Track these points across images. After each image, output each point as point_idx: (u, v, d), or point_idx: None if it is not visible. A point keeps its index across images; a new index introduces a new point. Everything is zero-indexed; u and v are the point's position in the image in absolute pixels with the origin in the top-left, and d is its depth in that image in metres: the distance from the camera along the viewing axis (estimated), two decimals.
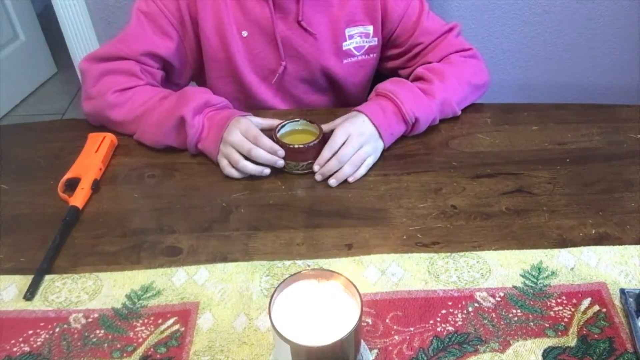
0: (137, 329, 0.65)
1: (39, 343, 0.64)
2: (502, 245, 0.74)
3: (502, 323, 0.64)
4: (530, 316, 0.65)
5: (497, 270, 0.70)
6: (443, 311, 0.66)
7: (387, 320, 0.65)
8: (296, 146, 0.84)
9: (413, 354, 0.61)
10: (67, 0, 1.87)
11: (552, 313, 0.65)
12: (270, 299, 0.54)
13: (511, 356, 0.61)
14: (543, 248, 0.73)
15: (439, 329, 0.64)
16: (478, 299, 0.67)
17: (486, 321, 0.64)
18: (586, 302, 0.66)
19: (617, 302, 0.66)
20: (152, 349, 0.63)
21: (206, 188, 0.85)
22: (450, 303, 0.67)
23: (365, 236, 0.76)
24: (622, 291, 0.66)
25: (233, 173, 0.86)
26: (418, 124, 0.91)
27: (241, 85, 1.03)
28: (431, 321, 0.65)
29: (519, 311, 0.65)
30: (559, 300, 0.67)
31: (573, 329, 0.63)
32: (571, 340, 0.62)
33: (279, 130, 0.87)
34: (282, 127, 0.88)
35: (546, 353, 0.61)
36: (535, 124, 0.97)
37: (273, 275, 0.71)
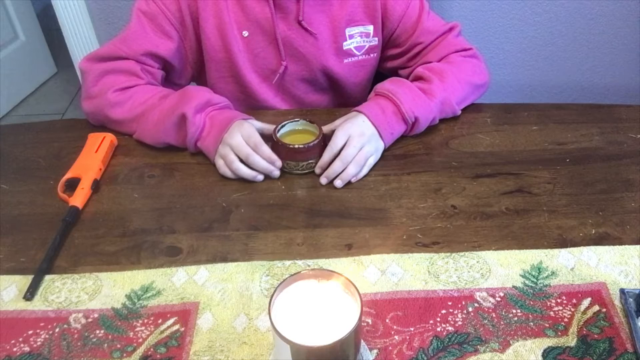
0: (137, 329, 0.65)
1: (39, 343, 0.64)
2: (502, 245, 0.74)
3: (502, 323, 0.64)
4: (530, 316, 0.65)
5: (497, 270, 0.70)
6: (443, 311, 0.66)
7: (387, 320, 0.65)
8: (296, 146, 0.84)
9: (413, 354, 0.61)
10: (67, 0, 1.87)
11: (552, 313, 0.65)
12: (270, 299, 0.54)
13: (511, 356, 0.61)
14: (543, 248, 0.73)
15: (439, 329, 0.64)
16: (478, 299, 0.67)
17: (486, 321, 0.64)
18: (586, 302, 0.66)
19: (617, 302, 0.66)
20: (152, 349, 0.63)
21: (206, 188, 0.85)
22: (450, 303, 0.67)
23: (365, 236, 0.76)
24: (622, 291, 0.66)
25: (227, 172, 0.85)
26: (418, 124, 0.91)
27: (242, 85, 1.03)
28: (431, 321, 0.65)
29: (519, 311, 0.65)
30: (559, 300, 0.67)
31: (573, 329, 0.63)
32: (571, 340, 0.62)
33: (279, 130, 0.87)
34: (282, 127, 0.88)
35: (546, 353, 0.61)
36: (535, 124, 0.97)
37: (273, 275, 0.71)
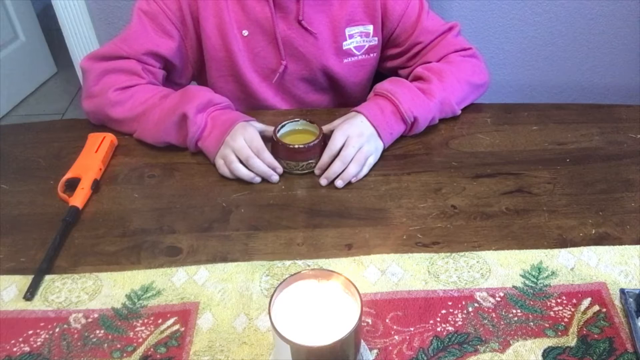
0: (137, 329, 0.65)
1: (39, 343, 0.64)
2: (502, 245, 0.74)
3: (502, 323, 0.64)
4: (530, 316, 0.65)
5: (497, 270, 0.70)
6: (443, 311, 0.66)
7: (387, 320, 0.65)
8: (296, 146, 0.84)
9: (413, 354, 0.61)
10: (67, 0, 1.87)
11: (552, 313, 0.65)
12: (270, 299, 0.54)
13: (511, 356, 0.61)
14: (543, 248, 0.73)
15: (439, 329, 0.64)
16: (478, 299, 0.67)
17: (486, 321, 0.64)
18: (586, 302, 0.66)
19: (617, 302, 0.66)
20: (152, 349, 0.63)
21: (206, 188, 0.85)
22: (450, 303, 0.67)
23: (365, 236, 0.76)
24: (622, 291, 0.66)
25: (226, 172, 0.85)
26: (417, 124, 0.91)
27: (242, 84, 1.03)
28: (431, 321, 0.65)
29: (519, 311, 0.65)
30: (559, 300, 0.67)
31: (573, 329, 0.63)
32: (571, 340, 0.62)
33: (279, 130, 0.87)
34: (282, 127, 0.88)
35: (546, 353, 0.61)
36: (535, 124, 0.97)
37: (273, 275, 0.71)
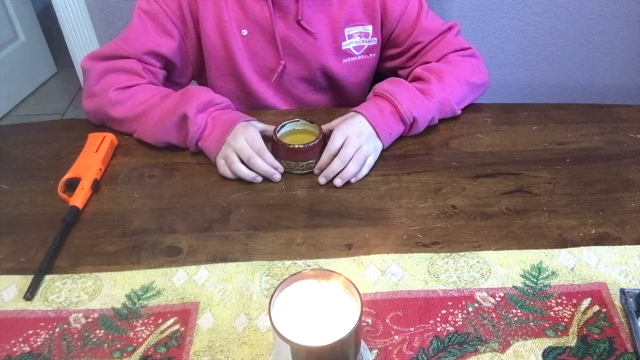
0: (137, 329, 0.65)
1: (39, 343, 0.64)
2: (502, 245, 0.74)
3: (502, 323, 0.64)
4: (530, 316, 0.65)
5: (497, 270, 0.70)
6: (443, 311, 0.66)
7: (387, 320, 0.65)
8: (296, 146, 0.84)
9: (413, 354, 0.61)
10: (67, 0, 1.87)
11: (552, 313, 0.65)
12: (270, 299, 0.54)
13: (511, 356, 0.61)
14: (543, 248, 0.73)
15: (439, 329, 0.64)
16: (478, 299, 0.67)
17: (486, 321, 0.64)
18: (586, 302, 0.66)
19: (617, 302, 0.66)
20: (152, 349, 0.63)
21: (206, 188, 0.85)
22: (450, 303, 0.67)
23: (365, 236, 0.76)
24: (622, 291, 0.66)
25: (227, 173, 0.85)
26: (416, 124, 0.91)
27: (241, 83, 1.03)
28: (431, 321, 0.65)
29: (519, 311, 0.65)
30: (559, 300, 0.67)
31: (573, 329, 0.63)
32: (571, 340, 0.62)
33: (279, 130, 0.87)
34: (282, 127, 0.88)
35: (546, 353, 0.61)
36: (535, 124, 0.97)
37: (273, 275, 0.71)
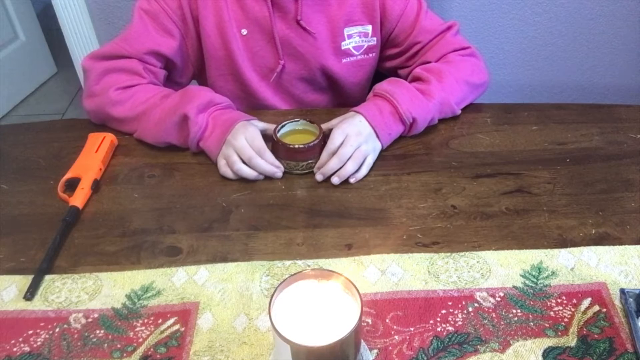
0: (137, 329, 0.65)
1: (39, 343, 0.64)
2: (502, 245, 0.74)
3: (502, 323, 0.64)
4: (530, 316, 0.65)
5: (497, 270, 0.70)
6: (443, 311, 0.66)
7: (387, 320, 0.65)
8: (296, 146, 0.84)
9: (413, 354, 0.61)
10: (67, 0, 1.87)
11: (552, 313, 0.65)
12: (270, 299, 0.54)
13: (511, 356, 0.61)
14: (543, 248, 0.73)
15: (439, 329, 0.64)
16: (478, 299, 0.67)
17: (486, 321, 0.64)
18: (586, 302, 0.66)
19: (617, 302, 0.66)
20: (152, 349, 0.63)
21: (206, 188, 0.85)
22: (450, 303, 0.67)
23: (365, 236, 0.76)
24: (622, 291, 0.66)
25: (228, 173, 0.85)
26: (416, 124, 0.91)
27: (241, 83, 1.03)
28: (431, 321, 0.65)
29: (519, 311, 0.65)
30: (559, 300, 0.67)
31: (573, 329, 0.63)
32: (571, 340, 0.62)
33: (279, 130, 0.87)
34: (282, 127, 0.88)
35: (546, 353, 0.61)
36: (535, 124, 0.97)
37: (273, 275, 0.71)
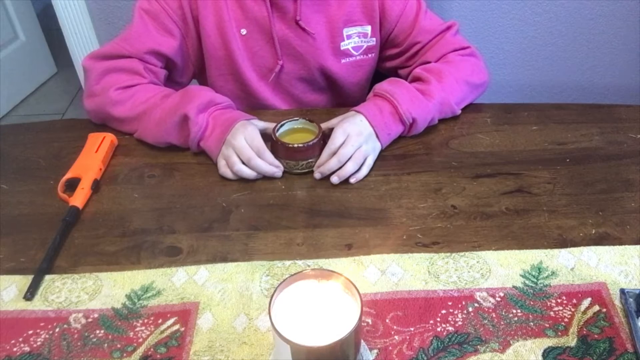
0: (137, 329, 0.65)
1: (39, 343, 0.64)
2: (502, 245, 0.74)
3: (502, 323, 0.64)
4: (530, 316, 0.65)
5: (497, 270, 0.70)
6: (443, 311, 0.66)
7: (387, 320, 0.65)
8: (295, 145, 0.84)
9: (413, 354, 0.61)
10: (67, 0, 1.87)
11: (552, 313, 0.65)
12: (270, 299, 0.54)
13: (511, 356, 0.61)
14: (543, 248, 0.73)
15: (439, 329, 0.64)
16: (478, 299, 0.67)
17: (486, 321, 0.64)
18: (586, 302, 0.66)
19: (617, 302, 0.66)
20: (152, 349, 0.63)
21: (206, 188, 0.85)
22: (450, 303, 0.67)
23: (365, 236, 0.76)
24: (622, 291, 0.66)
25: (228, 174, 0.85)
26: (416, 125, 0.91)
27: (241, 83, 1.03)
28: (431, 321, 0.65)
29: (519, 311, 0.65)
30: (559, 300, 0.67)
31: (573, 329, 0.63)
32: (571, 340, 0.62)
33: (278, 129, 0.87)
34: (281, 127, 0.88)
35: (546, 353, 0.61)
36: (535, 124, 0.97)
37: (273, 275, 0.71)
